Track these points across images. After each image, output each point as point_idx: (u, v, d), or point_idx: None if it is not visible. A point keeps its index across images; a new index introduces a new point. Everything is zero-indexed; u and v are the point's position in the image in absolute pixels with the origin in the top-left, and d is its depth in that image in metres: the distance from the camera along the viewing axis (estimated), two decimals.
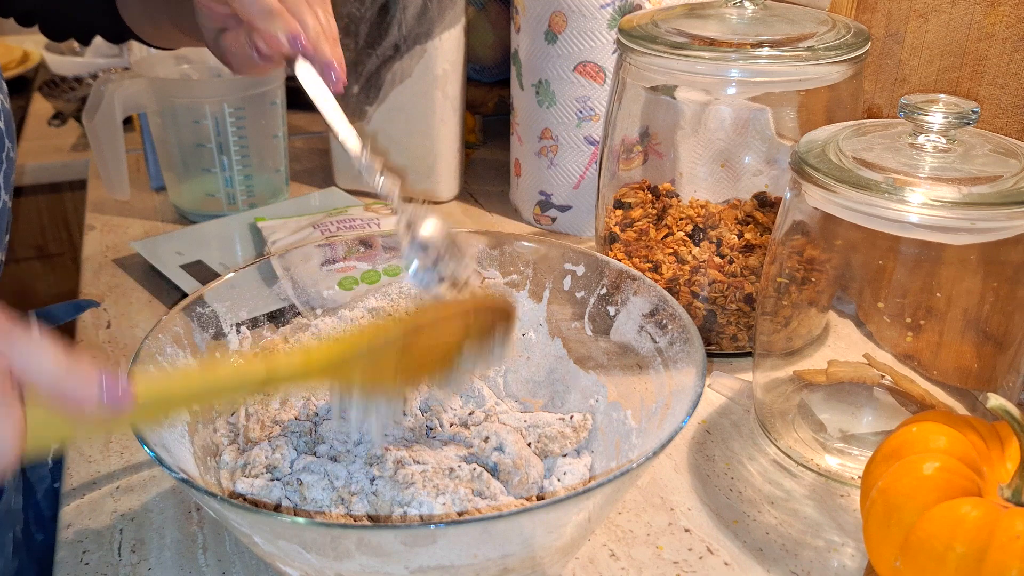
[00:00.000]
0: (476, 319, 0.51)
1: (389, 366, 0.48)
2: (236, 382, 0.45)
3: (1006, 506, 0.43)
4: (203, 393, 0.45)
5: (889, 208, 0.50)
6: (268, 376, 0.45)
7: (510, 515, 0.39)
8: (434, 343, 0.50)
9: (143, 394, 0.39)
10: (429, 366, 0.51)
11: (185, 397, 0.44)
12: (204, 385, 0.44)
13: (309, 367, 0.46)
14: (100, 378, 0.37)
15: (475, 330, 0.51)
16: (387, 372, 0.49)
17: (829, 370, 0.65)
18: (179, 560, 0.53)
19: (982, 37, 0.73)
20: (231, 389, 0.45)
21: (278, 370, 0.45)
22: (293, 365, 0.46)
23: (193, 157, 0.96)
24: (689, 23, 0.70)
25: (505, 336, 0.53)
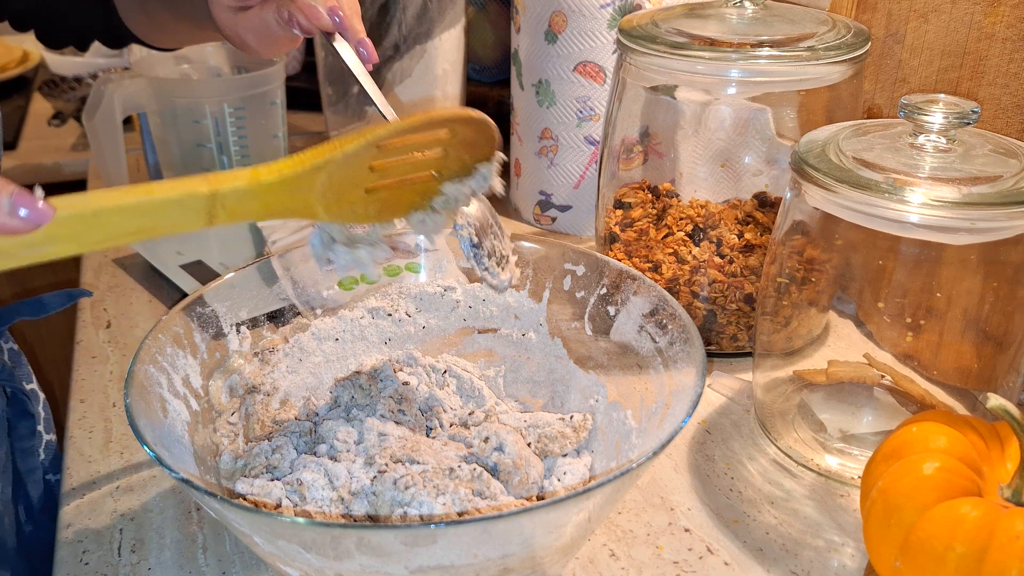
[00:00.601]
0: (455, 148, 0.48)
1: (355, 192, 0.45)
2: (173, 197, 0.41)
3: (1006, 506, 0.43)
4: (135, 208, 0.41)
5: (889, 208, 0.50)
6: (211, 191, 0.42)
7: (510, 515, 0.39)
8: (405, 165, 0.47)
9: (63, 207, 0.38)
10: (403, 201, 0.48)
11: (114, 212, 0.40)
12: (136, 200, 0.41)
13: (258, 181, 0.43)
14: (12, 188, 0.36)
15: (454, 161, 0.48)
16: (354, 201, 0.46)
17: (829, 370, 0.65)
18: (179, 560, 0.53)
19: (982, 37, 0.73)
20: (168, 204, 0.41)
21: (222, 184, 0.42)
22: (240, 178, 0.43)
23: (193, 157, 0.96)
24: (689, 23, 0.70)
25: (488, 163, 0.50)
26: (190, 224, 0.43)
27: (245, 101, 0.94)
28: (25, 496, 0.74)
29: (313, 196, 0.45)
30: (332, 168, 0.45)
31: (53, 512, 0.75)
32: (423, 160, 0.48)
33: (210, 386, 0.55)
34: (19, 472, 0.74)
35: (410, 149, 0.47)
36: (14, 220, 0.36)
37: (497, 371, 0.64)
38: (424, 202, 0.50)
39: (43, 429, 0.77)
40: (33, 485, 0.74)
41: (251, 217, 0.44)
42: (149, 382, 0.49)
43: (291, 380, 0.60)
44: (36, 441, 0.76)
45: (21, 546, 0.72)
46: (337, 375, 0.62)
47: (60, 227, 0.39)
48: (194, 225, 0.43)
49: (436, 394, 0.58)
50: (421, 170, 0.48)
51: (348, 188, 0.46)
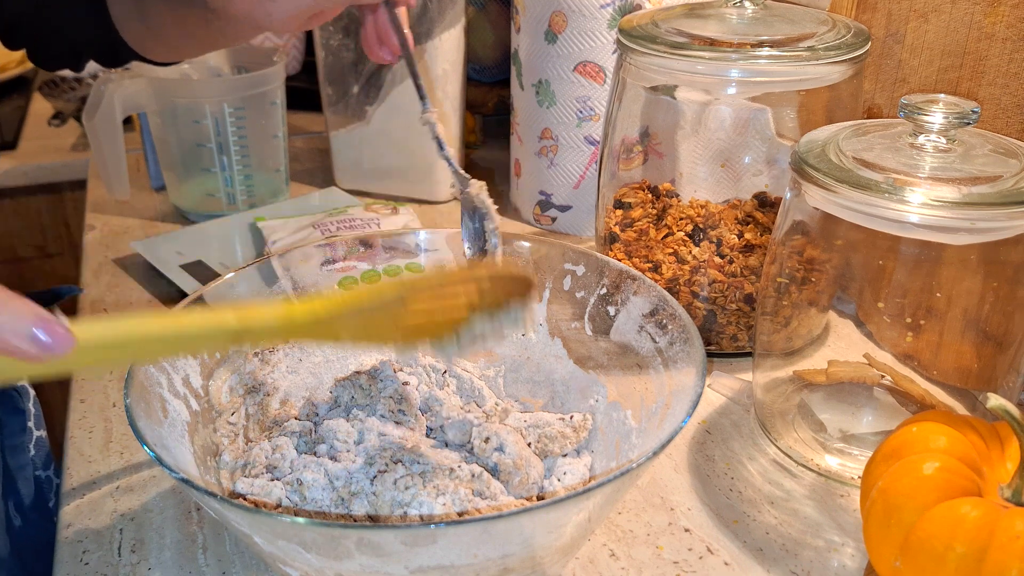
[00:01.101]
0: (489, 286, 0.47)
1: (384, 326, 0.45)
2: (202, 331, 0.41)
3: (1006, 506, 0.43)
4: (162, 340, 0.40)
5: (889, 208, 0.50)
6: (241, 328, 0.41)
7: (510, 515, 0.39)
8: (438, 307, 0.46)
9: (89, 335, 0.37)
10: (431, 329, 0.47)
11: (140, 342, 0.40)
12: (164, 332, 0.40)
13: (291, 321, 0.42)
14: (34, 313, 0.35)
15: (488, 297, 0.48)
16: (383, 331, 0.45)
17: (829, 370, 0.65)
18: (179, 560, 0.53)
19: (982, 37, 0.73)
20: (196, 337, 0.41)
21: (253, 322, 0.41)
22: (272, 317, 0.42)
23: (193, 157, 0.96)
24: (689, 23, 0.70)
25: (522, 307, 0.48)
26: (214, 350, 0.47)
27: (245, 101, 0.94)
28: (15, 492, 0.74)
29: (342, 331, 0.44)
30: (366, 315, 0.44)
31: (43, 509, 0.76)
32: (458, 303, 0.47)
33: (210, 386, 0.55)
34: (8, 468, 0.74)
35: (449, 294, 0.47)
36: (34, 348, 0.35)
37: (497, 371, 0.64)
38: (451, 330, 0.48)
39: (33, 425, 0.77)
40: (23, 482, 0.74)
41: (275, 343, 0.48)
42: (149, 382, 0.49)
43: (291, 380, 0.60)
44: (26, 437, 0.76)
45: (11, 543, 0.72)
46: (337, 375, 0.62)
47: (83, 355, 0.38)
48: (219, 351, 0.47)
49: (436, 394, 0.58)
50: (455, 310, 0.47)
51: (379, 324, 0.45)
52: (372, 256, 0.65)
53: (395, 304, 0.44)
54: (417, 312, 0.46)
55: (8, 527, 0.73)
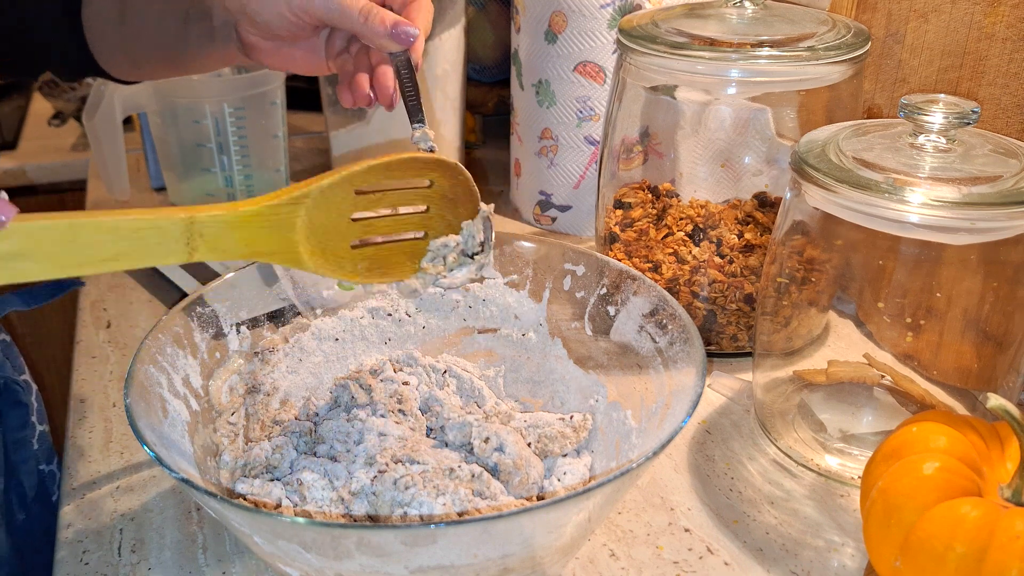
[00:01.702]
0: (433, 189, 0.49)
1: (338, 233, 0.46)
2: (151, 219, 0.41)
3: (1006, 506, 0.43)
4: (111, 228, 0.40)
5: (889, 208, 0.50)
6: (189, 216, 0.41)
7: (510, 515, 0.39)
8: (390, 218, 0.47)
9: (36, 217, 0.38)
10: (390, 260, 0.48)
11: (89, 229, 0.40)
12: (112, 220, 0.40)
13: (236, 211, 0.43)
14: None
15: (436, 206, 0.49)
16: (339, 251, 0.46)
17: (829, 370, 0.65)
18: (179, 560, 0.53)
19: (982, 37, 0.73)
20: (145, 226, 0.41)
21: (201, 211, 0.42)
22: (219, 208, 0.43)
23: (193, 157, 0.96)
24: (689, 23, 0.70)
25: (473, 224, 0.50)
26: (169, 253, 0.43)
27: (245, 101, 0.94)
28: (18, 485, 0.74)
29: (295, 236, 0.45)
30: (310, 204, 0.45)
31: (46, 503, 0.76)
32: (407, 219, 0.49)
33: (210, 386, 0.55)
34: (11, 462, 0.74)
35: (391, 200, 0.48)
36: None
37: (497, 371, 0.64)
38: (412, 264, 0.50)
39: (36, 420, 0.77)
40: (26, 475, 0.75)
41: (233, 253, 0.44)
42: (149, 382, 0.49)
43: (291, 380, 0.60)
44: (29, 431, 0.76)
45: (12, 537, 0.72)
46: (337, 375, 0.62)
47: (32, 240, 0.38)
48: (174, 255, 0.43)
49: (436, 394, 0.58)
50: (405, 228, 0.49)
51: (332, 237, 0.46)
52: None
53: (337, 191, 0.45)
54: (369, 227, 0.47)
55: (10, 521, 0.73)
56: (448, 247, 0.51)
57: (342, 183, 0.46)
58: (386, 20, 0.55)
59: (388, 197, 0.48)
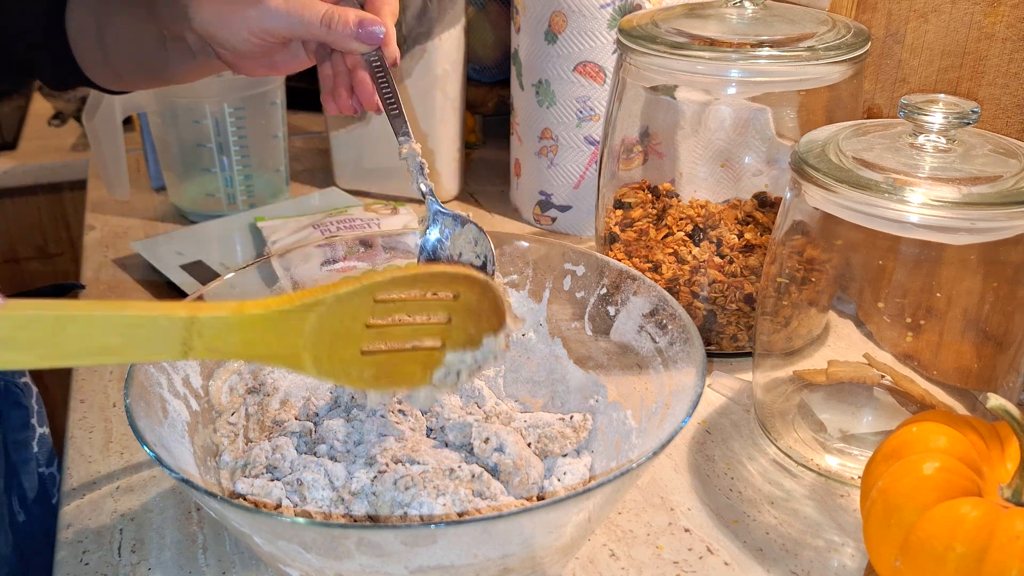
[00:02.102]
0: (460, 317, 0.45)
1: (347, 349, 0.43)
2: (147, 316, 0.39)
3: (1006, 506, 0.43)
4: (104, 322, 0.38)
5: (889, 208, 0.50)
6: (190, 316, 0.39)
7: (510, 515, 0.39)
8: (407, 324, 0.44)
9: (25, 307, 0.35)
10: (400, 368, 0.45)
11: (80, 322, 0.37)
12: (106, 313, 0.38)
13: (242, 313, 0.40)
14: None
15: (458, 331, 0.45)
16: (346, 359, 0.43)
17: (829, 370, 0.65)
18: (179, 560, 0.53)
19: (982, 37, 0.73)
20: (141, 323, 0.39)
21: (202, 311, 0.39)
22: (223, 308, 0.40)
23: (193, 157, 0.96)
24: (689, 23, 0.70)
25: (495, 340, 0.47)
26: (163, 351, 0.40)
27: (245, 101, 0.94)
28: (19, 486, 0.74)
29: (301, 342, 0.42)
30: (323, 311, 0.42)
31: (46, 504, 0.76)
32: (427, 328, 0.45)
33: (210, 386, 0.55)
34: (12, 463, 0.74)
35: (411, 309, 0.44)
36: None
37: (497, 371, 0.64)
38: (424, 374, 0.46)
39: (36, 422, 0.77)
40: (27, 476, 0.75)
41: (230, 354, 0.42)
42: (149, 382, 0.49)
43: (291, 380, 0.60)
44: (29, 433, 0.76)
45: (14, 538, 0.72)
46: None
47: (18, 330, 0.36)
48: (167, 353, 0.40)
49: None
50: (423, 337, 0.45)
51: (341, 342, 0.43)
52: (372, 256, 0.65)
53: (355, 300, 0.42)
54: (384, 334, 0.44)
55: (11, 522, 0.73)
56: (464, 362, 0.47)
57: (362, 293, 0.42)
58: (349, 21, 0.54)
59: (408, 305, 0.44)
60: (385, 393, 0.48)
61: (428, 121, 0.97)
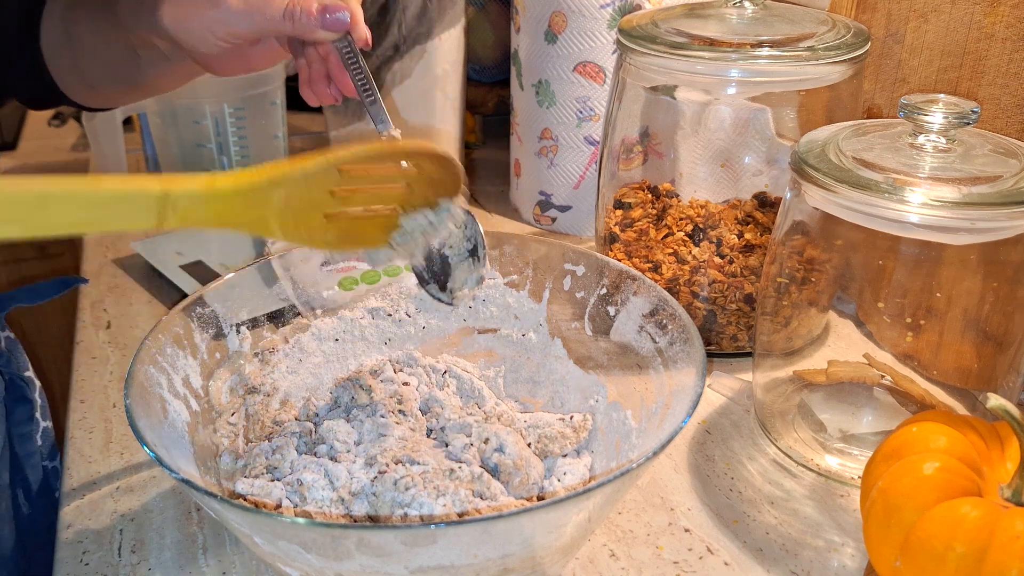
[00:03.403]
0: (418, 182, 0.48)
1: (313, 216, 0.45)
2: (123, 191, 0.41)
3: (1006, 506, 0.43)
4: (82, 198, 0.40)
5: (889, 208, 0.50)
6: (163, 191, 0.41)
7: (510, 515, 0.39)
8: (369, 190, 0.47)
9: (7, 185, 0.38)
10: (361, 232, 0.48)
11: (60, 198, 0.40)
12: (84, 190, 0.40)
13: (213, 187, 0.43)
14: None
15: (417, 196, 0.48)
16: (312, 224, 0.46)
17: (829, 370, 0.65)
18: (179, 560, 0.53)
19: (982, 37, 0.73)
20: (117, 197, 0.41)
21: (175, 186, 0.41)
22: (195, 183, 0.42)
23: (193, 157, 0.96)
24: (689, 23, 0.70)
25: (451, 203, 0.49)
26: (138, 221, 0.42)
27: (245, 101, 0.94)
28: (23, 480, 0.75)
29: (269, 211, 0.45)
30: (290, 185, 0.45)
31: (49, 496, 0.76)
32: (386, 193, 0.48)
33: (210, 386, 0.55)
34: (17, 456, 0.75)
35: (373, 179, 0.47)
36: None
37: (497, 371, 0.64)
38: (383, 236, 0.49)
39: (40, 416, 0.78)
40: (31, 470, 0.75)
41: (203, 224, 0.44)
42: (149, 382, 0.49)
43: (291, 380, 0.60)
44: (33, 427, 0.76)
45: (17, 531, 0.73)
46: (337, 375, 0.62)
47: (3, 206, 0.38)
48: (142, 223, 0.42)
49: (436, 394, 0.58)
50: (383, 203, 0.48)
51: (307, 210, 0.46)
52: None
53: (320, 179, 0.45)
54: (347, 199, 0.46)
55: (16, 514, 0.73)
56: (419, 224, 0.50)
57: (327, 167, 0.46)
58: (312, 11, 0.54)
59: (371, 175, 0.48)
60: (346, 253, 0.51)
61: (428, 121, 0.97)
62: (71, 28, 0.64)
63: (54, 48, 0.65)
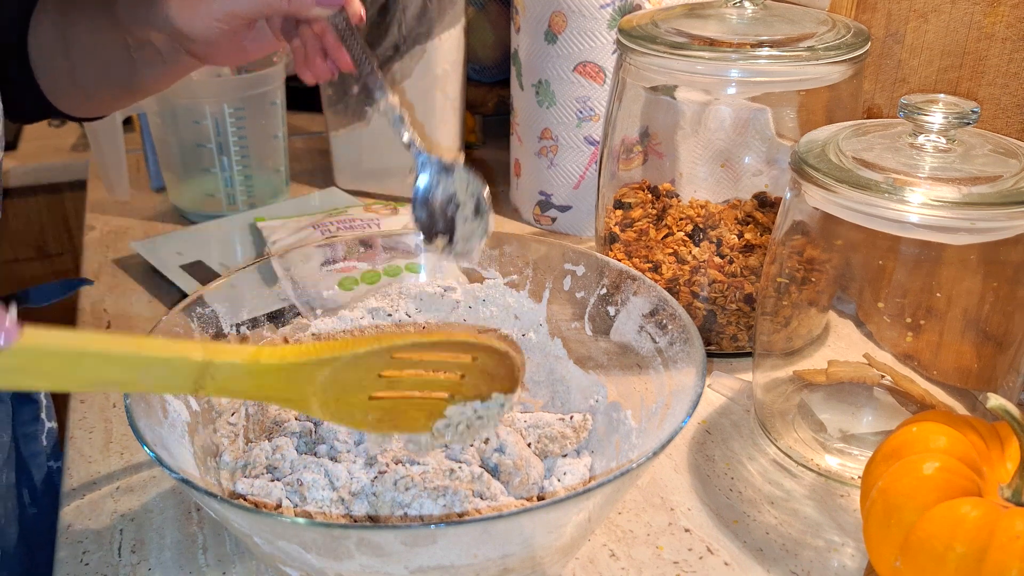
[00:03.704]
0: (472, 375, 0.45)
1: (356, 398, 0.43)
2: (163, 357, 0.39)
3: (1006, 506, 0.43)
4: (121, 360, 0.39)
5: (889, 208, 0.50)
6: (205, 361, 0.40)
7: (510, 515, 0.39)
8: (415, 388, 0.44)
9: (45, 340, 0.36)
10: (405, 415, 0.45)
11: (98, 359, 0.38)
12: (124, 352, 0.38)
13: (257, 362, 0.41)
14: None
15: (469, 387, 0.45)
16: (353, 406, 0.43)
17: (829, 370, 0.65)
18: (179, 560, 0.53)
19: (982, 37, 0.73)
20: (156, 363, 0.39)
21: (218, 356, 0.40)
22: (238, 354, 0.41)
23: (193, 157, 0.96)
24: (689, 23, 0.70)
25: (504, 401, 0.46)
26: (174, 388, 0.41)
27: (245, 101, 0.94)
28: (29, 479, 0.75)
29: (311, 390, 0.43)
30: (338, 367, 0.42)
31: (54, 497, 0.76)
32: (438, 380, 0.45)
33: None
34: (22, 457, 0.75)
35: (426, 366, 0.44)
36: None
37: None
38: (427, 423, 0.46)
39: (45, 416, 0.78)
40: (36, 469, 0.75)
41: (240, 395, 0.43)
42: None
43: None
44: (39, 427, 0.76)
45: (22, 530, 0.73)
46: None
47: (36, 361, 0.37)
48: (178, 389, 0.42)
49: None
50: (434, 390, 0.45)
51: (351, 391, 0.44)
52: (372, 256, 0.65)
53: (369, 362, 0.42)
54: (395, 382, 0.44)
55: (21, 514, 0.73)
56: (465, 415, 0.47)
57: (380, 352, 0.43)
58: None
59: (425, 362, 0.45)
60: (386, 436, 0.48)
61: (428, 121, 0.97)
62: (67, 31, 0.65)
63: (48, 53, 0.65)
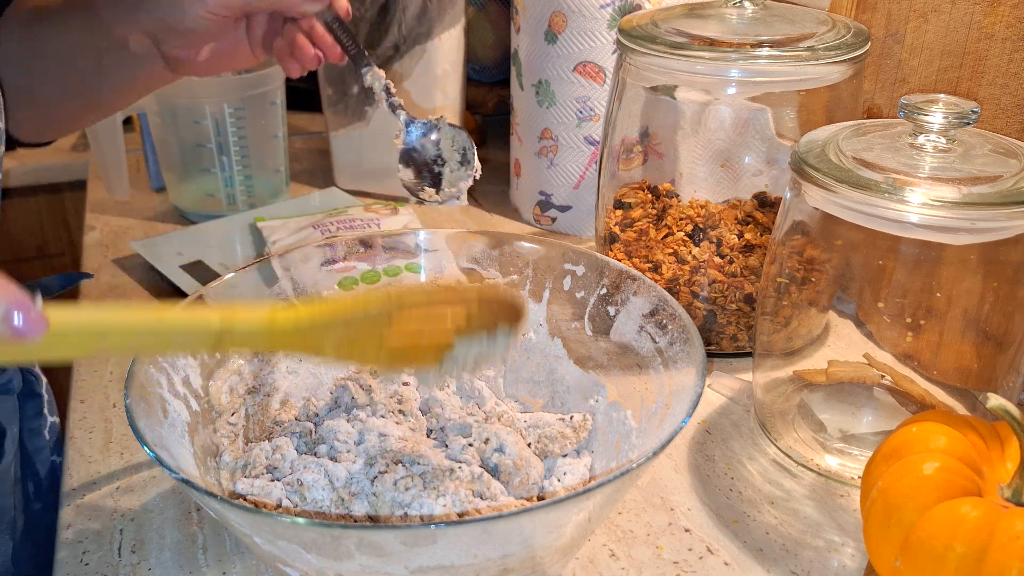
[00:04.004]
0: (478, 310, 0.47)
1: (369, 343, 0.45)
2: (183, 327, 0.41)
3: (1006, 506, 0.43)
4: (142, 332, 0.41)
5: (889, 208, 0.50)
6: (223, 328, 0.41)
7: (510, 515, 0.39)
8: (424, 327, 0.46)
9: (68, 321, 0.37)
10: (415, 352, 0.47)
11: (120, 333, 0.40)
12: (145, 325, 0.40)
13: (273, 328, 0.42)
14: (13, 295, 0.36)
15: (475, 322, 0.47)
16: (366, 349, 0.45)
17: (829, 370, 0.65)
18: (179, 560, 0.53)
19: (982, 37, 0.73)
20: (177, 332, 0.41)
21: (236, 323, 0.41)
22: (255, 320, 0.42)
23: (193, 157, 0.96)
24: (689, 23, 0.70)
25: (509, 334, 0.48)
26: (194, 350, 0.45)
27: (245, 101, 0.94)
28: (34, 474, 0.75)
29: (325, 344, 0.44)
30: (350, 324, 0.44)
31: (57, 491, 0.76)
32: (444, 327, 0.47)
33: (210, 386, 0.55)
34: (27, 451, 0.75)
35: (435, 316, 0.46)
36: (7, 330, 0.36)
37: (497, 371, 0.64)
38: (436, 357, 0.47)
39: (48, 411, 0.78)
40: (41, 465, 0.75)
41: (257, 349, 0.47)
42: (149, 382, 0.49)
43: (291, 380, 0.60)
44: (42, 421, 0.77)
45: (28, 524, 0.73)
46: (337, 375, 0.62)
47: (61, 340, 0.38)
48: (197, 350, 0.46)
49: (436, 395, 0.58)
50: (440, 334, 0.47)
51: (363, 340, 0.45)
52: (372, 256, 0.65)
53: (381, 318, 0.44)
54: (402, 332, 0.45)
55: (26, 509, 0.73)
56: (472, 350, 0.48)
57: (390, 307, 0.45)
58: None
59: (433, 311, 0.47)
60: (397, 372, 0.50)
61: None
62: (35, 44, 0.64)
63: (8, 71, 0.65)
